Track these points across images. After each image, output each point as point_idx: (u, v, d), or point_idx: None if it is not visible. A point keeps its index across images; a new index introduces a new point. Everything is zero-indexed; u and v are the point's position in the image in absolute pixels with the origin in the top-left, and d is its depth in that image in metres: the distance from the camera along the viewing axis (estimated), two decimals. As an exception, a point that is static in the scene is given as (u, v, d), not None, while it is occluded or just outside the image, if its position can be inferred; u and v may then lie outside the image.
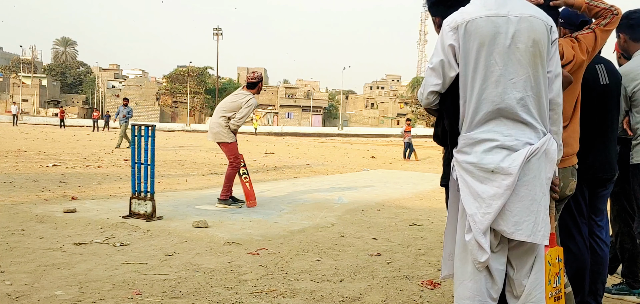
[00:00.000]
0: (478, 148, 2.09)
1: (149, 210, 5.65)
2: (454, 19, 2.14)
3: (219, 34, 61.14)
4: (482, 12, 2.10)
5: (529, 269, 2.17)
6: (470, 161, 2.10)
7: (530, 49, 2.07)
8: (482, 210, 2.06)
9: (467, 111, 2.13)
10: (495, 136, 2.07)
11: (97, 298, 3.23)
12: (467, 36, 2.09)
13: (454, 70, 2.15)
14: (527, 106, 2.07)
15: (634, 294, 3.59)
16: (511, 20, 2.07)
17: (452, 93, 2.18)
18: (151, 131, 5.81)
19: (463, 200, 2.13)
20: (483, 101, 2.08)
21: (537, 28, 2.10)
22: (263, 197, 7.83)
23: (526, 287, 2.16)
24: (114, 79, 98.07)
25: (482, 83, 2.08)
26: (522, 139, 2.06)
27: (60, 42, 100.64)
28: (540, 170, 2.07)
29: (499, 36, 2.06)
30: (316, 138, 38.88)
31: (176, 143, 23.88)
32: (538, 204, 2.06)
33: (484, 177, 2.07)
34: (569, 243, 2.99)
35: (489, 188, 2.05)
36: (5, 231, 4.88)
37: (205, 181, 9.74)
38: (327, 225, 5.77)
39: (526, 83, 2.07)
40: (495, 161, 2.05)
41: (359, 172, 13.03)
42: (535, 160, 2.05)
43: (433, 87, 2.19)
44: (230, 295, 3.37)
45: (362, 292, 3.53)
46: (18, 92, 74.09)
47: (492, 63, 2.07)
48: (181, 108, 79.07)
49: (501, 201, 2.03)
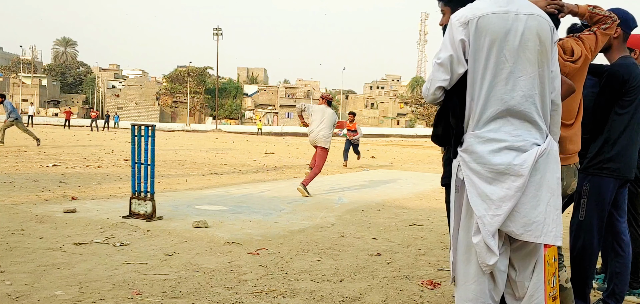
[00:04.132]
0: (486, 148, 2.06)
1: (149, 210, 5.65)
2: (465, 14, 2.11)
3: (219, 34, 61.13)
4: (493, 8, 2.08)
5: (532, 271, 2.15)
6: (479, 162, 2.07)
7: (538, 47, 2.07)
8: (492, 212, 2.03)
9: (474, 109, 2.10)
10: (504, 136, 2.05)
11: (97, 298, 3.23)
12: (478, 32, 2.07)
13: (462, 66, 2.11)
14: (535, 104, 2.07)
15: (634, 294, 3.59)
16: (520, 18, 2.07)
17: (458, 90, 2.16)
18: (151, 131, 5.81)
19: (470, 201, 2.09)
20: (492, 98, 2.06)
21: (544, 27, 2.10)
22: (263, 197, 7.83)
23: (529, 289, 2.15)
24: (114, 79, 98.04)
25: (491, 80, 2.06)
26: (529, 139, 2.05)
27: (60, 42, 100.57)
28: (548, 170, 2.06)
29: (510, 33, 2.06)
30: (316, 138, 38.85)
31: (176, 143, 23.88)
32: (546, 204, 2.04)
33: (492, 178, 2.04)
34: (589, 242, 3.01)
35: (498, 189, 2.02)
36: (5, 231, 4.88)
37: (205, 181, 9.74)
38: (327, 225, 5.77)
39: (534, 81, 2.07)
40: (506, 162, 2.02)
41: (359, 172, 13.03)
42: (542, 160, 2.04)
43: (441, 82, 2.15)
44: (230, 295, 3.37)
45: (362, 292, 3.53)
46: (18, 92, 74.06)
47: (503, 60, 2.05)
48: (181, 108, 79.09)
49: (511, 203, 2.01)
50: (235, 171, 11.95)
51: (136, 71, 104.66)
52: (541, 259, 2.17)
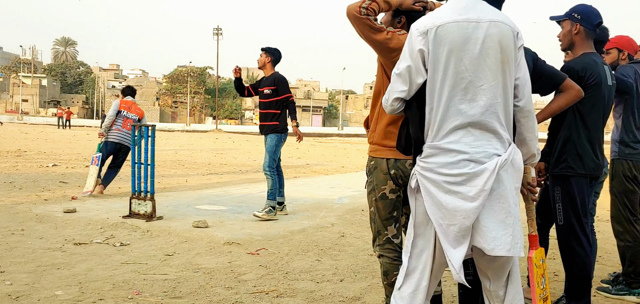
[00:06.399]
0: (444, 159, 2.02)
1: (149, 210, 5.65)
2: (424, 23, 2.06)
3: (219, 34, 61.11)
4: (452, 16, 2.03)
5: (506, 280, 2.13)
6: (437, 172, 2.03)
7: (500, 56, 2.01)
8: (447, 221, 2.01)
9: (434, 119, 2.05)
10: (463, 147, 2.00)
11: (97, 298, 3.23)
12: (437, 42, 2.02)
13: (422, 76, 2.07)
14: (496, 113, 2.02)
15: (633, 294, 3.59)
16: (481, 26, 2.01)
17: (418, 100, 2.12)
18: (151, 131, 5.82)
19: (428, 210, 2.07)
20: (451, 109, 2.02)
21: (506, 34, 2.04)
22: (263, 197, 7.82)
23: (506, 298, 2.13)
24: (114, 79, 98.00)
25: (451, 90, 2.01)
26: (489, 150, 2.00)
27: (60, 42, 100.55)
28: (509, 181, 2.02)
29: (469, 42, 2.00)
30: (316, 138, 38.84)
31: (176, 143, 23.88)
32: (513, 216, 2.01)
33: (448, 189, 2.01)
34: (574, 244, 2.99)
35: (454, 199, 1.99)
36: (5, 231, 4.89)
37: (205, 181, 9.74)
38: (327, 225, 5.77)
39: (496, 90, 2.01)
40: (464, 173, 1.98)
41: (359, 172, 13.04)
42: (503, 172, 2.00)
43: (398, 93, 2.12)
44: (230, 295, 3.38)
45: (362, 292, 3.53)
46: (18, 92, 74.05)
47: (462, 69, 2.00)
48: (181, 108, 79.11)
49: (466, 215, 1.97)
50: (235, 171, 11.95)
51: (136, 71, 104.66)
52: (516, 268, 2.15)
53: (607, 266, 4.40)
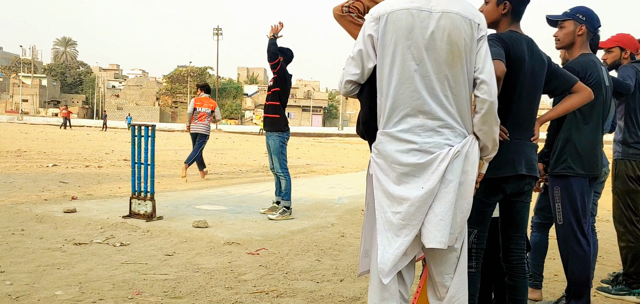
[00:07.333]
0: (394, 147, 2.02)
1: (149, 210, 5.65)
2: (378, 9, 2.07)
3: (219, 34, 61.12)
4: (405, 4, 2.01)
5: (453, 271, 2.11)
6: (387, 161, 2.04)
7: (448, 47, 1.98)
8: (393, 209, 2.01)
9: (384, 105, 2.06)
10: (413, 137, 2.00)
11: (97, 298, 3.23)
12: (386, 28, 2.02)
13: (372, 61, 2.09)
14: (444, 105, 2.00)
15: (633, 294, 3.59)
16: (433, 16, 1.99)
17: (370, 85, 2.13)
18: (151, 131, 5.81)
19: (376, 198, 2.08)
20: (400, 97, 2.01)
21: (459, 25, 1.99)
22: (263, 197, 7.83)
23: (449, 289, 2.12)
24: (114, 79, 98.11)
25: (399, 77, 2.01)
26: (440, 141, 2.00)
27: (60, 42, 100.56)
28: (461, 173, 2.01)
29: (415, 30, 1.98)
30: (316, 138, 38.87)
31: (176, 143, 23.87)
32: (456, 208, 2.00)
33: (398, 178, 2.01)
34: (573, 244, 2.99)
35: (402, 188, 2.00)
36: (5, 231, 4.89)
37: (205, 181, 9.74)
38: (327, 225, 5.77)
39: (444, 82, 2.00)
40: (412, 162, 1.99)
41: (359, 172, 13.03)
42: (457, 162, 1.99)
43: (351, 76, 2.15)
44: (230, 295, 3.38)
45: (362, 292, 3.53)
46: (18, 92, 74.06)
47: (409, 58, 1.99)
48: (181, 108, 79.07)
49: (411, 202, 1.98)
50: (235, 171, 11.95)
51: (136, 71, 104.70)
52: (463, 260, 2.13)
53: (607, 266, 4.40)
